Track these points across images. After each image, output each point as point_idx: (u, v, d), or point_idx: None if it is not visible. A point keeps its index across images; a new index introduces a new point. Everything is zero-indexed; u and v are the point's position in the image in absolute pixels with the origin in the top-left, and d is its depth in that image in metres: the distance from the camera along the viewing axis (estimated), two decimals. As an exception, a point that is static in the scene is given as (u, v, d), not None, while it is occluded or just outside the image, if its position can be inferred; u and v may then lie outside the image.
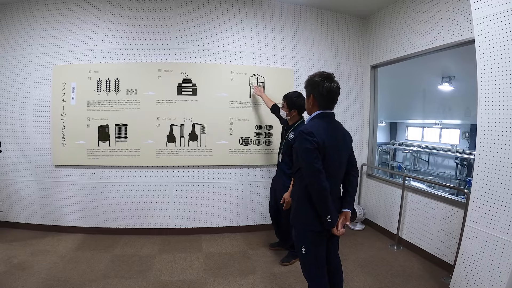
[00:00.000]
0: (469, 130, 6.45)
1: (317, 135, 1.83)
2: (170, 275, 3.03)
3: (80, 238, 3.82)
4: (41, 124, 3.87)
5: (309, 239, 1.98)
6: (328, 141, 1.87)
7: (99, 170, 3.89)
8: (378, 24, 4.26)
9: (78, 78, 3.80)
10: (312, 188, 1.86)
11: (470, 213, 2.54)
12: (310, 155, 1.83)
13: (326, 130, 1.91)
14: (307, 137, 1.84)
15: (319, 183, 1.82)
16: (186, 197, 4.02)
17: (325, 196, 1.84)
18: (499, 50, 2.30)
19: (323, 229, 1.92)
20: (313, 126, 1.90)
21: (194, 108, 3.89)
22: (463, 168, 6.19)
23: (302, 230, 2.01)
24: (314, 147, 1.82)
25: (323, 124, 1.93)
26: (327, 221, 1.87)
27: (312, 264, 2.02)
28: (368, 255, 3.52)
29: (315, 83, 1.95)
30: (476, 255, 2.47)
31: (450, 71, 4.97)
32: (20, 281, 2.82)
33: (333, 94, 1.95)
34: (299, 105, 3.09)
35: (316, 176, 1.82)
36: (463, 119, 6.07)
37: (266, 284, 2.91)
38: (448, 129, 6.88)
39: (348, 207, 2.04)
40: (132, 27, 3.85)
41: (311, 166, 1.83)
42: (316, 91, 1.94)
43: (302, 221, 1.99)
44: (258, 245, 3.75)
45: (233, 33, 4.00)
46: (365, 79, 4.51)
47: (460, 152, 6.16)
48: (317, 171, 1.82)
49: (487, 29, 2.37)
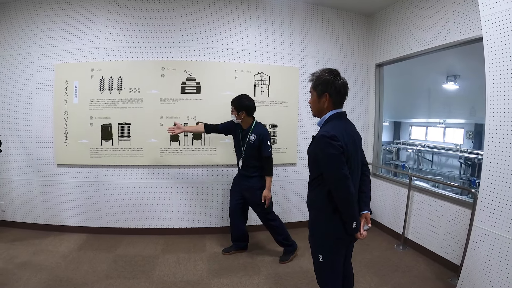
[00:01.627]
0: (473, 130, 6.43)
1: (341, 138, 1.70)
2: (174, 275, 3.00)
3: (83, 238, 3.79)
4: (43, 123, 3.84)
5: (329, 246, 1.88)
6: (350, 144, 1.77)
7: (102, 169, 3.86)
8: (384, 22, 4.22)
9: (80, 76, 3.77)
10: (339, 196, 1.73)
11: (478, 213, 2.49)
12: (336, 161, 1.69)
13: (347, 132, 1.79)
14: (330, 141, 1.69)
15: (347, 190, 1.70)
16: (190, 197, 3.98)
17: (353, 202, 1.74)
18: (508, 47, 2.25)
19: (346, 235, 1.81)
20: (335, 128, 1.75)
21: (198, 106, 3.85)
22: (467, 167, 6.16)
23: (322, 238, 1.89)
24: (339, 151, 1.68)
25: (343, 125, 1.82)
26: (352, 227, 1.76)
27: (329, 273, 1.93)
28: (374, 255, 3.49)
29: (329, 81, 1.82)
30: (484, 256, 2.42)
31: (455, 70, 4.94)
32: (22, 281, 2.79)
33: (347, 89, 1.87)
34: (246, 105, 3.15)
35: (343, 183, 1.69)
36: (468, 118, 6.05)
37: (271, 284, 2.87)
38: (452, 128, 6.85)
39: (366, 208, 1.92)
40: (135, 25, 3.82)
41: (339, 173, 1.69)
42: (332, 89, 1.81)
43: (324, 228, 1.87)
44: (263, 245, 3.72)
45: (237, 31, 3.96)
46: (370, 78, 4.46)
47: (464, 151, 6.14)
48: (344, 177, 1.69)
49: (496, 26, 2.32)
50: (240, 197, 3.37)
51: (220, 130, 3.42)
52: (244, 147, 3.22)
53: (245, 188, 3.29)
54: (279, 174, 4.07)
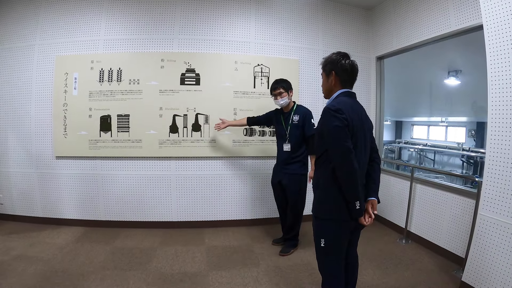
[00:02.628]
0: (475, 128, 6.38)
1: (346, 112, 1.70)
2: (171, 267, 2.95)
3: (80, 231, 3.75)
4: (42, 115, 3.82)
5: (331, 230, 1.81)
6: (356, 120, 1.75)
7: (101, 161, 3.83)
8: (383, 14, 4.20)
9: (80, 68, 3.76)
10: (341, 170, 1.70)
11: (482, 200, 2.43)
12: (340, 133, 1.68)
13: (353, 109, 1.78)
14: (335, 114, 1.69)
15: (350, 164, 1.66)
16: (189, 190, 3.94)
17: (355, 179, 1.68)
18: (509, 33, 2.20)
19: (350, 218, 1.76)
20: (340, 103, 1.75)
21: (197, 98, 3.83)
22: (469, 166, 6.10)
23: (325, 220, 1.83)
24: (343, 124, 1.68)
25: (350, 102, 1.81)
26: (356, 208, 1.71)
27: (330, 258, 1.86)
28: (376, 248, 3.42)
29: (336, 60, 1.85)
30: (489, 245, 2.36)
31: (457, 65, 4.90)
32: (17, 271, 2.75)
33: (355, 70, 1.87)
34: (291, 87, 3.23)
35: (347, 156, 1.67)
36: (470, 115, 6.00)
37: (270, 277, 2.81)
38: (454, 127, 6.81)
39: (373, 195, 1.88)
40: (135, 17, 3.82)
41: (341, 145, 1.68)
42: (338, 67, 1.84)
43: (326, 209, 1.82)
44: (263, 239, 3.65)
45: (237, 23, 3.95)
46: (371, 72, 4.43)
47: (466, 150, 6.09)
48: (347, 150, 1.67)
49: (496, 12, 2.28)
50: (280, 190, 3.34)
51: (262, 121, 3.46)
52: (288, 129, 3.20)
53: (287, 175, 3.23)
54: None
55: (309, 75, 4.08)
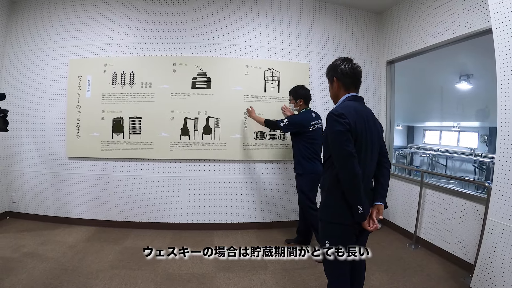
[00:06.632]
0: (487, 133, 6.27)
1: (349, 116, 1.71)
2: (180, 268, 2.98)
3: (91, 230, 3.81)
4: (56, 116, 3.92)
5: (336, 233, 1.82)
6: (360, 124, 1.75)
7: (112, 162, 3.90)
8: (394, 18, 4.19)
9: (93, 71, 3.84)
10: (343, 174, 1.71)
11: (492, 206, 2.41)
12: (341, 137, 1.70)
13: (358, 113, 1.78)
14: (337, 118, 1.71)
15: (351, 169, 1.68)
16: (199, 192, 3.97)
17: (357, 183, 1.69)
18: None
19: (353, 222, 1.76)
20: (344, 107, 1.78)
21: (208, 101, 3.87)
22: (482, 172, 5.99)
23: (329, 223, 1.84)
24: (345, 129, 1.69)
25: (355, 106, 1.82)
26: (358, 212, 1.71)
27: (336, 262, 1.85)
28: (385, 254, 3.39)
29: (335, 66, 1.90)
30: (498, 251, 2.33)
31: (468, 69, 4.85)
32: (27, 268, 2.82)
33: (357, 73, 1.88)
34: (304, 94, 3.38)
35: (348, 161, 1.68)
36: (482, 120, 5.90)
37: (277, 279, 2.82)
38: (466, 132, 6.70)
39: (380, 200, 1.87)
40: (148, 22, 3.89)
41: (343, 149, 1.69)
42: (339, 72, 1.88)
43: (330, 212, 1.83)
44: (271, 242, 3.65)
45: (248, 28, 3.99)
46: (382, 76, 4.42)
47: (478, 155, 5.99)
48: (349, 154, 1.68)
49: (505, 15, 2.27)
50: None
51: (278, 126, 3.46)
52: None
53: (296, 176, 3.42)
54: (287, 170, 4.05)
55: (320, 79, 4.07)
